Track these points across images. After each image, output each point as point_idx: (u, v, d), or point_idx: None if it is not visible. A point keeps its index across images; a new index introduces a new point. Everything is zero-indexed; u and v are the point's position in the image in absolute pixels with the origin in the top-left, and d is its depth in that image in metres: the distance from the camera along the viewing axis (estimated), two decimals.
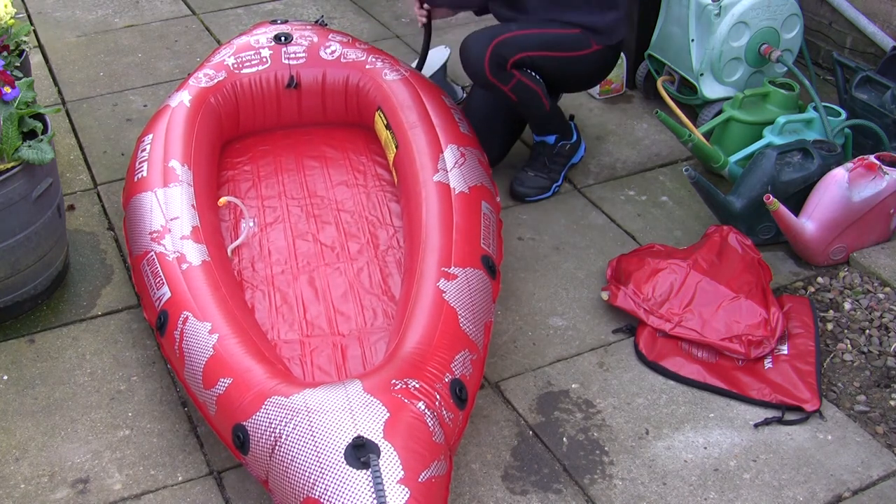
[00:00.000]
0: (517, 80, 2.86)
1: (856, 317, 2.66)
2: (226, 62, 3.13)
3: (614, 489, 2.17)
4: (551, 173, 3.13)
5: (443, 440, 1.91)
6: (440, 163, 2.69)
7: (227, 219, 2.83)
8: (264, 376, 2.01)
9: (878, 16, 3.63)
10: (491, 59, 2.81)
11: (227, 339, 2.12)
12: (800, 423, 2.33)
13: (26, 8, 4.56)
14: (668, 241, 2.94)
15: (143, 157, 2.76)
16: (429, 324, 2.14)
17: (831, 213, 2.74)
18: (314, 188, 2.97)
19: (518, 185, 3.12)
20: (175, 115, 2.91)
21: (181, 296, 2.26)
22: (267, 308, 2.51)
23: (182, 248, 2.40)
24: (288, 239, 2.75)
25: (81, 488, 2.17)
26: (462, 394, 2.02)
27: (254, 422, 1.92)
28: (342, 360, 2.35)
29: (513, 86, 2.86)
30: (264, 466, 1.90)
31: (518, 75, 2.86)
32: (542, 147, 3.13)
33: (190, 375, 2.13)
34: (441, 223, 2.47)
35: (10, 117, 2.43)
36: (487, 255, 2.44)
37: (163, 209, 2.53)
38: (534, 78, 2.90)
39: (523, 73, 2.87)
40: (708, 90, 3.42)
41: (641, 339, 2.55)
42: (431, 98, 2.99)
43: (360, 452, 1.77)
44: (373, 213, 2.86)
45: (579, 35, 2.91)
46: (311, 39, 3.20)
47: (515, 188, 3.12)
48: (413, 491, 1.75)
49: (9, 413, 2.37)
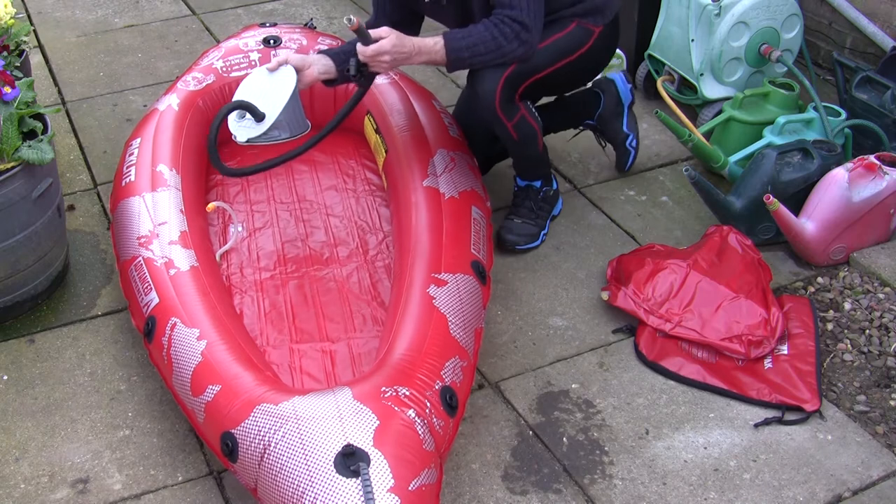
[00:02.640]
0: (521, 115, 2.71)
1: (856, 317, 2.66)
2: (214, 65, 3.13)
3: (614, 489, 2.17)
4: (538, 219, 2.95)
5: (433, 448, 1.89)
6: (430, 167, 2.67)
7: (216, 223, 2.81)
8: (253, 383, 1.99)
9: (878, 16, 3.63)
10: (503, 90, 2.59)
11: (216, 345, 2.11)
12: (800, 423, 2.33)
13: (26, 8, 4.56)
14: (668, 241, 2.94)
15: (130, 161, 2.75)
16: (419, 330, 2.12)
17: (831, 213, 2.74)
18: (303, 193, 2.96)
19: (506, 233, 2.90)
20: (163, 118, 2.90)
21: (169, 302, 2.25)
22: (255, 314, 2.50)
23: (170, 254, 2.39)
24: (277, 244, 2.74)
25: (81, 488, 2.17)
26: (452, 401, 2.00)
27: (242, 429, 1.91)
28: (331, 367, 2.34)
29: (517, 122, 2.70)
30: (253, 474, 1.89)
31: (523, 110, 2.71)
32: (528, 191, 2.96)
33: (178, 382, 2.12)
34: (431, 228, 2.46)
35: (10, 117, 2.43)
36: (478, 260, 2.43)
37: (151, 214, 2.52)
38: (535, 115, 2.78)
39: (527, 108, 2.74)
40: (708, 90, 3.42)
41: (641, 339, 2.56)
42: (421, 102, 2.97)
43: (350, 461, 1.76)
44: (362, 218, 2.85)
45: (578, 27, 2.73)
46: (300, 42, 3.18)
47: (504, 236, 2.90)
48: (403, 499, 1.74)
49: (9, 413, 2.37)
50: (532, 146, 2.83)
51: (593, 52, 2.80)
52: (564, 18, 2.71)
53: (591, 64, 2.89)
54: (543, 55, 2.64)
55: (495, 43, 2.50)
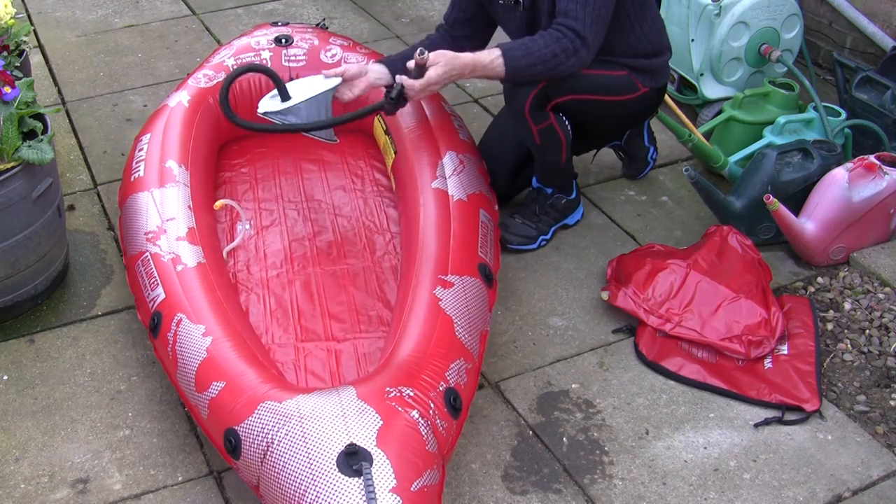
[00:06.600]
0: (549, 123, 2.69)
1: (856, 317, 2.66)
2: (225, 63, 3.13)
3: (614, 489, 2.17)
4: (540, 224, 2.92)
5: (436, 449, 1.89)
6: (439, 169, 2.67)
7: (224, 221, 2.82)
8: (257, 381, 1.99)
9: (878, 16, 3.63)
10: (537, 96, 2.60)
11: (221, 342, 2.11)
12: (800, 423, 2.33)
13: (26, 8, 4.56)
14: (668, 241, 2.94)
15: (140, 156, 2.75)
16: (424, 331, 2.12)
17: (831, 213, 2.74)
18: (311, 192, 2.97)
19: (504, 230, 2.87)
20: (173, 115, 2.90)
21: (175, 297, 2.25)
22: (261, 311, 2.50)
23: (177, 250, 2.39)
24: (284, 242, 2.75)
25: (81, 488, 2.17)
26: (456, 403, 2.00)
27: (246, 426, 1.91)
28: (336, 366, 2.34)
29: (543, 128, 2.69)
30: (256, 472, 1.89)
31: (552, 119, 2.69)
32: (538, 194, 2.94)
33: (182, 378, 2.12)
34: (438, 230, 2.45)
35: (10, 117, 2.43)
36: (485, 263, 2.43)
37: (159, 210, 2.52)
38: (565, 127, 2.73)
39: (557, 119, 2.70)
40: (708, 90, 3.43)
41: (641, 339, 2.56)
42: (431, 104, 2.98)
43: (353, 460, 1.76)
44: (370, 219, 2.85)
45: (627, 77, 2.72)
46: (311, 42, 3.19)
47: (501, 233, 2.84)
48: (405, 500, 1.74)
49: (9, 413, 2.37)
50: (554, 154, 2.79)
51: (629, 106, 2.80)
52: (617, 65, 2.71)
53: (623, 115, 2.87)
54: (585, 80, 2.63)
55: (555, 61, 2.49)
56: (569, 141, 2.77)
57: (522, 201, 3.00)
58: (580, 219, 3.05)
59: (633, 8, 2.66)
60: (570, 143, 2.78)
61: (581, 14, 2.47)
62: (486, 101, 3.76)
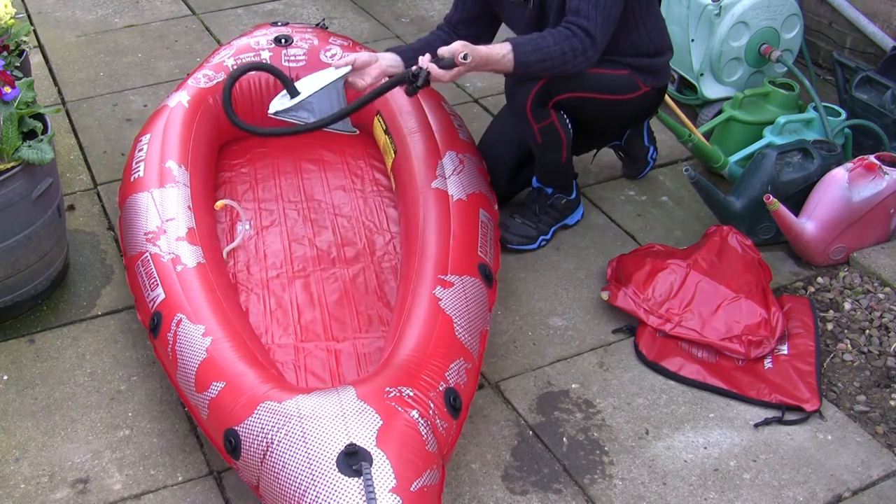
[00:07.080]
0: (550, 121, 2.69)
1: (856, 317, 2.66)
2: (225, 63, 3.13)
3: (614, 489, 2.17)
4: (540, 224, 2.92)
5: (436, 449, 1.89)
6: (439, 169, 2.67)
7: (223, 221, 2.82)
8: (257, 381, 2.00)
9: (878, 16, 3.63)
10: (538, 94, 2.60)
11: (221, 342, 2.11)
12: (800, 423, 2.33)
13: (26, 8, 4.56)
14: (668, 241, 2.94)
15: (139, 156, 2.75)
16: (424, 331, 2.12)
17: (831, 213, 2.74)
18: (311, 192, 2.97)
19: (504, 230, 2.87)
20: (173, 115, 2.90)
21: (175, 297, 2.25)
22: (261, 312, 2.50)
23: (177, 250, 2.39)
24: (284, 242, 2.75)
25: (81, 488, 2.17)
26: (456, 403, 2.00)
27: (246, 427, 1.91)
28: (336, 366, 2.34)
29: (544, 126, 2.69)
30: (255, 472, 1.89)
31: (553, 117, 2.69)
32: (538, 194, 2.94)
33: (182, 378, 2.12)
34: (438, 230, 2.45)
35: (10, 117, 2.43)
36: (484, 263, 2.43)
37: (159, 210, 2.52)
38: (566, 125, 2.74)
39: (558, 117, 2.70)
40: (708, 90, 3.43)
41: (641, 339, 2.56)
42: (431, 104, 2.97)
43: (353, 460, 1.76)
44: (370, 219, 2.85)
45: (628, 76, 2.72)
46: (311, 42, 3.19)
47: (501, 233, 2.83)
48: (405, 500, 1.74)
49: (9, 413, 2.37)
50: (554, 153, 2.79)
51: (631, 106, 2.80)
52: (620, 64, 2.71)
53: (624, 114, 2.87)
54: (587, 79, 2.63)
55: (563, 58, 2.49)
56: (569, 140, 2.77)
57: (522, 201, 3.00)
58: (580, 219, 3.05)
59: (638, 6, 2.66)
60: (570, 141, 2.78)
61: (592, 13, 2.47)
62: (486, 101, 3.76)
